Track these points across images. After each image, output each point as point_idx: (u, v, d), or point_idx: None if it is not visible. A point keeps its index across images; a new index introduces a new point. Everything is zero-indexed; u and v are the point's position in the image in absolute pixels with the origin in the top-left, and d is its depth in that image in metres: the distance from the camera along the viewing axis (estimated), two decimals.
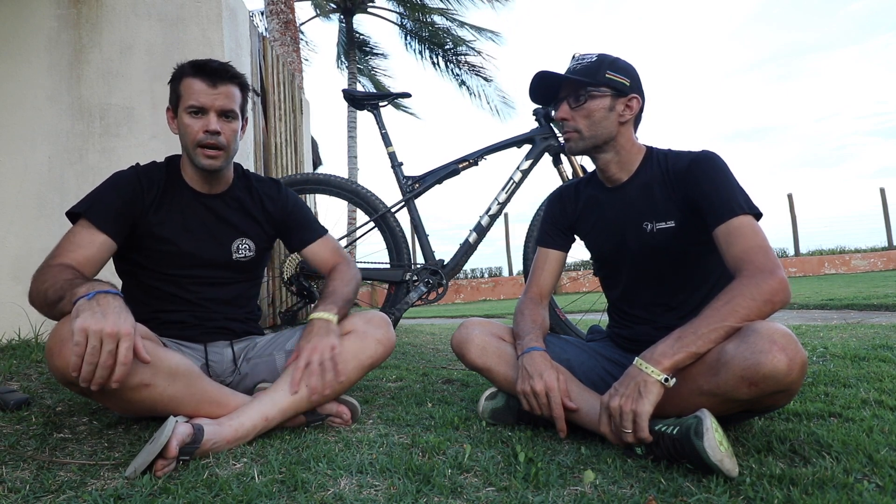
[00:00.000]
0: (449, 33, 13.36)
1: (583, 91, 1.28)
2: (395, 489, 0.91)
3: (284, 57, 5.41)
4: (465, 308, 8.71)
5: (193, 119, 1.32)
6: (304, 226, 1.54)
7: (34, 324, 2.28)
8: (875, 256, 11.13)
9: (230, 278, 1.45)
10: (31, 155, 2.40)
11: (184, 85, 1.33)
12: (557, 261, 1.48)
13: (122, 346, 0.97)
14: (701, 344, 1.02)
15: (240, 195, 1.47)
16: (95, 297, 1.01)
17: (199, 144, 1.33)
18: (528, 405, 1.21)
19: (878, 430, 1.15)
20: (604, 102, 1.28)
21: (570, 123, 1.30)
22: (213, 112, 1.32)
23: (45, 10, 2.46)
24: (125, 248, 1.35)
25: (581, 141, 1.31)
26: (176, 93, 1.36)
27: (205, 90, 1.31)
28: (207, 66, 1.33)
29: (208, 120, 1.31)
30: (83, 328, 0.95)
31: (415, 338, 3.53)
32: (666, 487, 0.90)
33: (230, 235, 1.45)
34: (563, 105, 1.31)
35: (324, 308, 1.34)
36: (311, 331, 1.29)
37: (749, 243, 1.10)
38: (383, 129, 2.45)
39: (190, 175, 1.42)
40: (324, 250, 1.54)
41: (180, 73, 1.35)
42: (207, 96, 1.31)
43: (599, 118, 1.28)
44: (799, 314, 4.34)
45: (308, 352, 1.24)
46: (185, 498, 0.87)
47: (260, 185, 1.52)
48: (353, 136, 13.03)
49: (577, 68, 1.29)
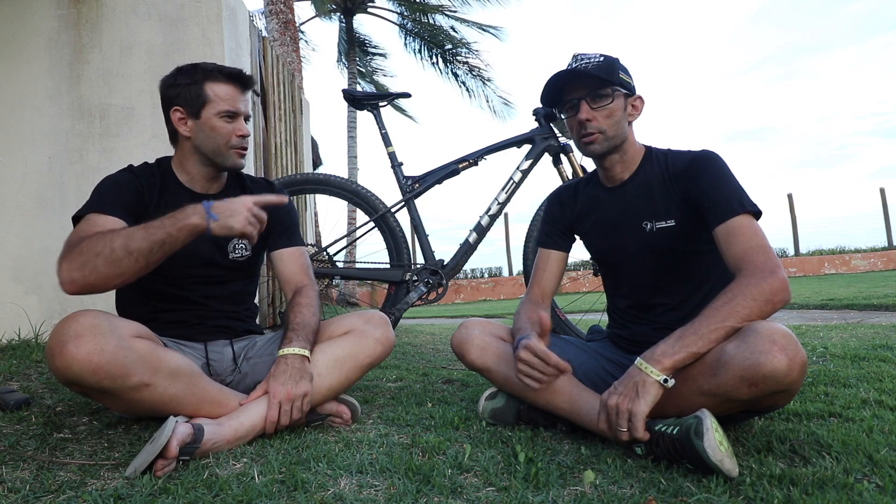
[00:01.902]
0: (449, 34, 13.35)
1: (607, 90, 1.26)
2: (395, 489, 0.91)
3: (284, 57, 5.41)
4: (465, 308, 8.72)
5: (226, 123, 1.36)
6: (286, 230, 1.51)
7: (34, 324, 2.28)
8: (875, 256, 11.13)
9: (228, 277, 1.45)
10: (31, 155, 2.40)
11: (211, 88, 1.35)
12: (558, 261, 1.48)
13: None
14: (701, 344, 1.02)
15: (234, 195, 1.47)
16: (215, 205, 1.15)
17: (232, 146, 1.37)
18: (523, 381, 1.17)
19: (878, 430, 1.15)
20: (620, 102, 1.27)
21: (594, 124, 1.26)
22: (242, 117, 1.39)
23: (46, 10, 2.46)
24: None
25: (605, 142, 1.28)
26: (199, 95, 1.35)
27: (237, 96, 1.37)
28: (234, 71, 1.38)
29: (239, 124, 1.38)
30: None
31: (415, 338, 3.53)
32: (666, 487, 0.90)
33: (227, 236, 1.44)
34: (583, 105, 1.26)
35: (297, 343, 1.27)
36: (286, 371, 1.21)
37: (749, 243, 1.10)
38: (383, 129, 2.45)
39: (189, 175, 1.42)
40: (294, 262, 1.49)
41: (203, 77, 1.35)
42: (241, 102, 1.38)
43: (619, 118, 1.27)
44: (799, 314, 4.34)
45: (283, 397, 1.18)
46: (185, 498, 0.87)
47: (254, 185, 1.53)
48: (353, 136, 13.02)
49: (591, 67, 1.26)
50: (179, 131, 1.38)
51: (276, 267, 1.51)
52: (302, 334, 1.29)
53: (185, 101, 1.36)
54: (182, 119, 1.37)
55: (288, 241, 1.51)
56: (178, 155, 1.43)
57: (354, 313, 1.44)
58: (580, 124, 1.27)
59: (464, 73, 13.80)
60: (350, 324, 1.38)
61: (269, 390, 1.20)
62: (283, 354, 1.25)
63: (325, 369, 1.29)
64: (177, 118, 1.37)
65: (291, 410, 1.19)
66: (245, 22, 2.77)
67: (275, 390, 1.19)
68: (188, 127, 1.37)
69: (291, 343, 1.27)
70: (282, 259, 1.50)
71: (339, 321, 1.41)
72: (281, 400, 1.18)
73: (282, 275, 1.50)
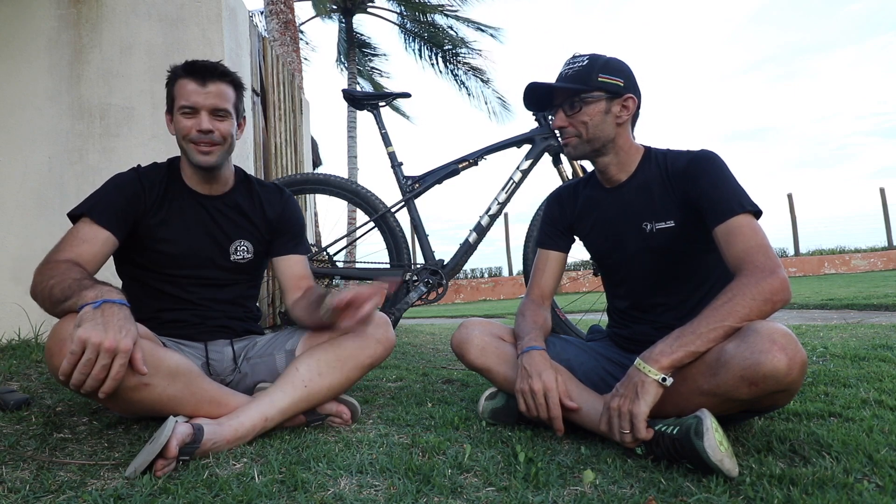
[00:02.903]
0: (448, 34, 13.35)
1: (577, 98, 1.27)
2: (395, 489, 0.91)
3: (284, 57, 5.41)
4: (465, 308, 8.72)
5: (186, 119, 1.34)
6: (293, 237, 1.53)
7: (34, 324, 2.28)
8: (875, 256, 11.14)
9: (229, 279, 1.46)
10: (31, 155, 2.40)
11: (177, 86, 1.35)
12: (558, 262, 1.48)
13: (117, 362, 0.97)
14: (700, 343, 1.02)
15: (239, 198, 1.48)
16: (101, 307, 1.00)
17: (192, 141, 1.35)
18: (524, 405, 1.20)
19: (878, 430, 1.15)
20: (599, 107, 1.27)
21: (569, 129, 1.30)
22: (204, 111, 1.33)
23: (45, 10, 2.46)
24: (125, 248, 1.35)
25: (581, 145, 1.30)
26: (171, 95, 1.37)
27: (196, 90, 1.33)
28: (196, 64, 1.34)
29: (200, 119, 1.33)
30: (83, 339, 0.95)
31: (415, 338, 3.53)
32: (666, 487, 0.90)
33: (228, 237, 1.45)
34: (560, 113, 1.30)
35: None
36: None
37: (749, 242, 1.10)
38: (383, 129, 2.45)
39: (189, 176, 1.43)
40: (300, 266, 1.51)
41: (174, 76, 1.37)
42: (198, 95, 1.33)
43: (597, 122, 1.27)
44: (799, 314, 4.34)
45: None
46: (185, 498, 0.87)
47: (262, 189, 1.53)
48: (353, 136, 13.03)
49: (569, 74, 1.28)
50: (170, 132, 1.40)
51: (278, 272, 1.52)
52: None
53: (168, 102, 1.39)
54: (169, 121, 1.40)
55: (294, 247, 1.52)
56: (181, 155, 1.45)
57: None
58: (559, 129, 1.32)
59: (463, 73, 13.81)
60: None
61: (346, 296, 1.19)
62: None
63: (325, 369, 1.29)
64: (167, 120, 1.41)
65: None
66: (245, 22, 2.77)
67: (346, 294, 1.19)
68: (172, 128, 1.39)
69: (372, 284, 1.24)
70: (288, 264, 1.51)
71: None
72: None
73: (283, 280, 1.50)
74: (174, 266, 1.38)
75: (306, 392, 1.25)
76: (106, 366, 0.96)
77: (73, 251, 1.23)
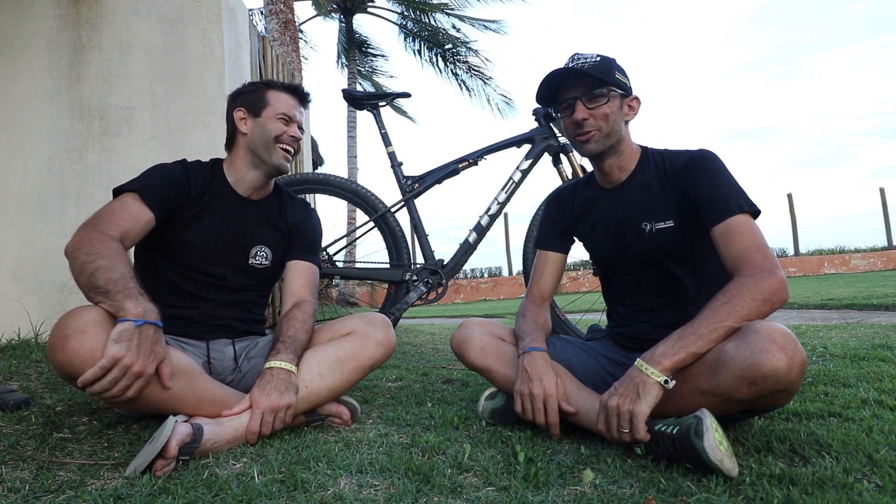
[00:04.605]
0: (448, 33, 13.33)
1: (602, 90, 1.26)
2: (395, 489, 0.91)
3: (284, 57, 5.41)
4: (464, 308, 8.72)
5: (282, 124, 1.46)
6: (307, 246, 1.55)
7: (34, 324, 2.28)
8: (875, 256, 11.14)
9: (242, 283, 1.46)
10: (31, 155, 2.40)
11: (274, 95, 1.48)
12: (557, 263, 1.48)
13: (137, 383, 1.03)
14: (701, 344, 1.02)
15: (272, 206, 1.54)
16: (141, 328, 1.03)
17: (281, 140, 1.45)
18: (520, 407, 1.20)
19: (878, 429, 1.15)
20: (616, 103, 1.28)
21: (591, 122, 1.27)
22: (296, 125, 1.50)
23: (45, 10, 2.46)
24: (151, 234, 1.35)
25: (602, 139, 1.28)
26: (261, 99, 1.48)
27: (296, 105, 1.51)
28: (299, 88, 1.54)
29: (293, 128, 1.49)
30: (116, 358, 0.99)
31: (415, 338, 3.53)
32: (666, 487, 0.91)
33: (252, 241, 1.47)
34: (579, 105, 1.27)
35: (285, 357, 1.26)
36: (271, 382, 1.20)
37: (747, 242, 1.10)
38: (383, 129, 2.45)
39: (237, 176, 1.48)
40: (303, 275, 1.51)
41: (267, 85, 1.50)
42: (296, 111, 1.51)
43: (615, 118, 1.27)
44: (799, 314, 4.34)
45: (267, 408, 1.17)
46: (184, 498, 0.87)
47: (290, 200, 1.59)
48: (353, 135, 13.01)
49: (588, 67, 1.26)
50: (238, 128, 1.47)
51: (285, 275, 1.53)
52: (291, 348, 1.28)
53: (248, 103, 1.48)
54: (243, 118, 1.47)
55: (304, 255, 1.54)
56: (231, 156, 1.50)
57: (356, 315, 1.44)
58: (576, 124, 1.28)
59: (464, 73, 13.79)
60: (352, 325, 1.38)
61: (253, 400, 1.18)
62: (270, 367, 1.23)
63: (326, 370, 1.29)
64: (238, 117, 1.48)
65: (274, 421, 1.18)
66: (245, 22, 2.77)
67: (258, 400, 1.17)
68: (247, 125, 1.47)
69: (279, 355, 1.26)
70: (292, 270, 1.52)
71: (340, 323, 1.41)
72: (264, 410, 1.17)
73: (287, 285, 1.51)
74: (192, 258, 1.40)
75: (306, 393, 1.25)
76: (128, 386, 1.02)
77: (122, 226, 1.23)
